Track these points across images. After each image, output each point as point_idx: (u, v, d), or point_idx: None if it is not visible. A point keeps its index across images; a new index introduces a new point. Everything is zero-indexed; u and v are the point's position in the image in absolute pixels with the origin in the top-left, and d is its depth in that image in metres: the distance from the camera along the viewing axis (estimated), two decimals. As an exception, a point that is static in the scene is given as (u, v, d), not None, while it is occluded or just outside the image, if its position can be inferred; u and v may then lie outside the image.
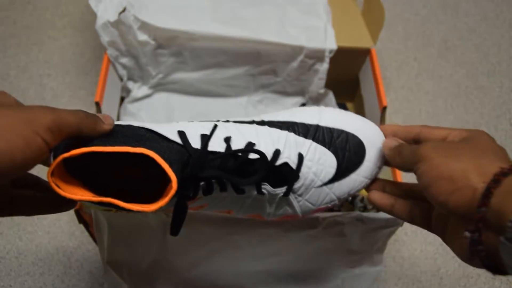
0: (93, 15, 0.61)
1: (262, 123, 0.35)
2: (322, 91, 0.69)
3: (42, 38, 0.86)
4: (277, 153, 0.33)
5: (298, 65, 0.65)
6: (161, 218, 0.44)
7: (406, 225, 0.68)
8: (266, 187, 0.33)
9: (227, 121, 0.35)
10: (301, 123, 0.35)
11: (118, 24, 0.61)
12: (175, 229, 0.32)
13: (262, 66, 0.67)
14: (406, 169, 0.31)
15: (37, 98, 0.77)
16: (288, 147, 0.33)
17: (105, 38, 0.61)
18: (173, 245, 0.47)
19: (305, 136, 0.34)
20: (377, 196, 0.35)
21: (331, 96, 0.71)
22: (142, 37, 0.62)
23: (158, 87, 0.70)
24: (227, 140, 0.32)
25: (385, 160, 0.35)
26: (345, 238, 0.47)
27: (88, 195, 0.27)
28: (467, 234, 0.25)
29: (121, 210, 0.29)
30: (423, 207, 0.32)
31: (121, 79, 0.67)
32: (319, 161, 0.34)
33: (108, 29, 0.61)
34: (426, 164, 0.27)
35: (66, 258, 0.61)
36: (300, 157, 0.33)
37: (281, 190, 0.34)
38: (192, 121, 0.34)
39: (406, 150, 0.31)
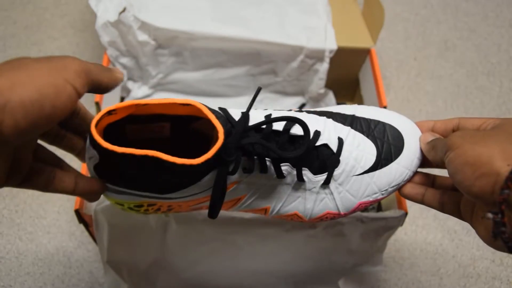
0: (93, 15, 0.61)
1: (299, 111, 0.35)
2: (322, 91, 0.69)
3: (42, 38, 0.86)
4: (317, 133, 0.32)
5: (298, 65, 0.65)
6: (161, 218, 0.44)
7: (406, 225, 0.69)
8: (307, 173, 0.32)
9: (265, 109, 0.35)
10: (338, 113, 0.35)
11: (118, 24, 0.61)
12: (214, 211, 0.30)
13: (262, 66, 0.67)
14: (440, 161, 0.31)
15: (37, 98, 0.77)
16: (328, 130, 0.33)
17: (105, 38, 0.61)
18: (173, 245, 0.47)
19: (343, 124, 0.34)
20: (407, 187, 0.35)
21: (331, 96, 0.71)
22: (142, 37, 0.62)
23: (158, 87, 0.70)
24: (268, 116, 0.31)
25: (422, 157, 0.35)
26: (345, 238, 0.47)
27: (130, 149, 0.25)
28: (489, 215, 0.25)
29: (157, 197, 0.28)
30: (453, 195, 0.33)
31: (121, 79, 0.67)
32: (359, 147, 0.33)
33: (108, 29, 0.61)
34: (453, 152, 0.28)
35: (66, 258, 0.61)
36: (340, 141, 0.33)
37: (321, 177, 0.33)
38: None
39: (439, 143, 0.31)
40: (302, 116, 0.33)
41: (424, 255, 0.64)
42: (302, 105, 0.72)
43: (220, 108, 0.30)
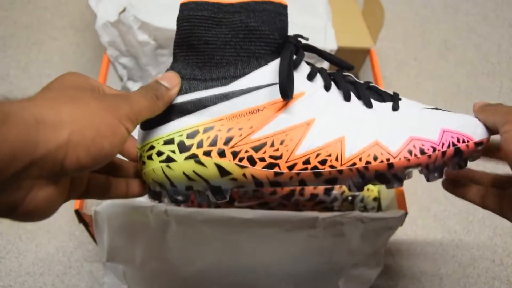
0: (93, 15, 0.61)
1: None
2: (322, 91, 0.69)
3: (42, 38, 0.86)
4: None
5: (298, 65, 0.65)
6: (161, 218, 0.44)
7: (406, 225, 0.69)
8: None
9: None
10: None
11: (118, 24, 0.61)
12: (284, 89, 0.29)
13: (262, 66, 0.67)
14: (491, 125, 0.32)
15: (37, 98, 0.77)
16: None
17: (105, 38, 0.61)
18: (173, 245, 0.47)
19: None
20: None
21: (331, 96, 0.71)
22: (142, 37, 0.62)
23: (158, 87, 0.69)
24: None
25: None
26: (345, 238, 0.47)
27: None
28: None
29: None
30: (496, 192, 0.35)
31: (121, 79, 0.67)
32: None
33: (108, 29, 0.61)
34: None
35: (66, 258, 0.61)
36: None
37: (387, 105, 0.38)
38: None
39: (500, 109, 0.32)
40: None
41: (424, 255, 0.64)
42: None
43: None
